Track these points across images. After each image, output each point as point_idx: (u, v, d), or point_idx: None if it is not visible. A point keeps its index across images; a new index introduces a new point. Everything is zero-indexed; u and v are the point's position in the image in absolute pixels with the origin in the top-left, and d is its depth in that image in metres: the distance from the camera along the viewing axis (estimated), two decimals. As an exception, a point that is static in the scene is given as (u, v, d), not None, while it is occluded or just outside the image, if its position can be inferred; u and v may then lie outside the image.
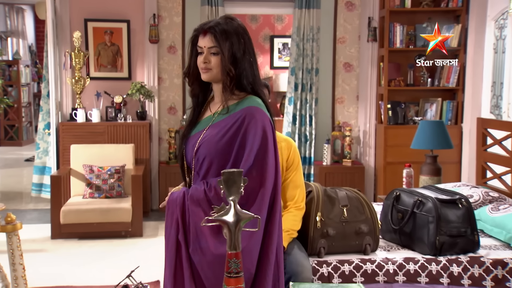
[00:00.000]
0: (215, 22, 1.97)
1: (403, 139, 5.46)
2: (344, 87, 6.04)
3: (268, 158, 1.93)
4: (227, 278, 1.11)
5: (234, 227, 1.10)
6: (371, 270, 2.72)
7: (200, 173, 2.00)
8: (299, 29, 5.82)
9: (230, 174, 1.11)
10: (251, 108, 1.96)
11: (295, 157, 2.81)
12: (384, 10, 5.51)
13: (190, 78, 2.08)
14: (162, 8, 5.73)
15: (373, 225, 2.85)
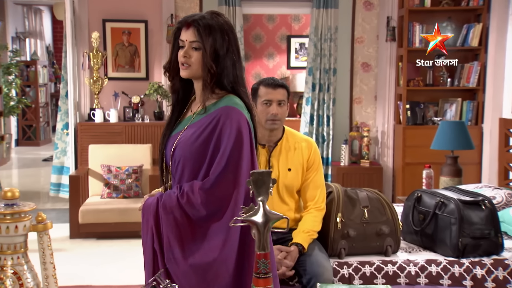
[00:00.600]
0: (200, 16, 1.88)
1: (422, 139, 5.41)
2: (362, 87, 6.01)
3: (243, 160, 1.84)
4: (255, 279, 1.11)
5: (263, 228, 1.09)
6: (392, 272, 2.70)
7: (176, 176, 1.93)
8: (317, 29, 5.79)
9: (259, 175, 1.10)
10: (227, 108, 1.88)
11: (315, 157, 2.80)
12: (403, 10, 5.47)
13: (170, 73, 1.98)
14: (180, 8, 5.74)
15: (394, 226, 2.83)
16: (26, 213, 1.16)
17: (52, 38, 11.87)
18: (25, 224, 1.15)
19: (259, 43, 7.60)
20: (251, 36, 7.49)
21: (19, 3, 9.59)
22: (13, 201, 1.16)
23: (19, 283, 1.13)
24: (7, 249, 1.14)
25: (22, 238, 1.16)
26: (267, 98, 2.71)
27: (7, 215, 1.13)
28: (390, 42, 5.70)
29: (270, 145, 2.77)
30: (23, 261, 1.16)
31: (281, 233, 2.74)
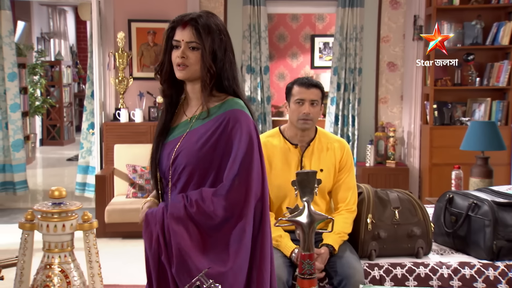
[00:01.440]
0: (197, 15, 1.81)
1: (450, 140, 5.36)
2: (388, 87, 5.97)
3: (254, 166, 1.78)
4: (300, 280, 1.11)
5: (308, 228, 1.09)
6: (424, 274, 2.68)
7: (178, 184, 1.84)
8: (342, 28, 5.77)
9: (304, 175, 1.10)
10: (234, 111, 1.80)
11: (348, 158, 2.79)
12: (431, 8, 5.41)
13: (162, 76, 1.88)
14: (204, 8, 5.75)
15: (426, 227, 2.80)
16: (73, 212, 1.18)
17: (76, 38, 12.03)
18: (72, 223, 1.16)
19: (282, 43, 7.60)
20: (274, 35, 7.49)
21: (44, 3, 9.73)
22: (60, 200, 1.18)
23: (66, 281, 1.14)
24: (55, 248, 1.16)
25: (69, 237, 1.17)
26: (300, 97, 2.71)
27: (54, 214, 1.15)
28: (417, 41, 5.65)
29: (303, 145, 2.77)
30: (69, 260, 1.18)
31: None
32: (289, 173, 2.73)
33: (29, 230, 1.15)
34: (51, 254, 1.13)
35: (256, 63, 5.79)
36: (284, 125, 2.86)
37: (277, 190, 2.74)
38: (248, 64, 5.79)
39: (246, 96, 1.84)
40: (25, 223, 1.15)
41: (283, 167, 2.75)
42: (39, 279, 1.13)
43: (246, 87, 5.82)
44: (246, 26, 5.73)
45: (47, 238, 1.14)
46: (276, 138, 2.81)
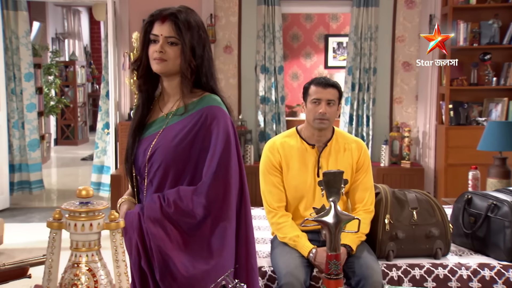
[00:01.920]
0: (176, 10, 1.77)
1: (466, 140, 5.33)
2: (402, 87, 5.94)
3: (232, 163, 1.76)
4: (326, 280, 1.11)
5: (334, 229, 1.09)
6: (443, 275, 2.66)
7: (154, 181, 1.79)
8: (357, 27, 5.76)
9: (331, 175, 1.10)
10: (212, 108, 1.78)
11: (365, 159, 2.78)
12: (447, 7, 5.38)
13: (139, 71, 1.84)
14: (219, 8, 5.78)
15: (444, 228, 2.79)
16: (100, 212, 1.19)
17: (90, 38, 12.10)
18: (99, 222, 1.17)
19: (296, 43, 7.59)
20: (288, 35, 7.48)
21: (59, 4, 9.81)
22: (88, 199, 1.19)
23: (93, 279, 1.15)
24: (82, 246, 1.17)
25: (96, 236, 1.18)
26: (316, 96, 2.70)
27: (82, 213, 1.16)
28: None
29: (320, 146, 2.76)
30: (96, 259, 1.19)
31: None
32: (306, 174, 2.73)
33: (57, 229, 1.16)
34: (79, 253, 1.14)
35: (270, 63, 5.79)
36: (301, 125, 2.86)
37: (294, 191, 2.74)
38: (262, 64, 5.79)
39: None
40: (53, 222, 1.16)
41: (300, 168, 2.75)
42: (67, 277, 1.14)
43: (260, 87, 5.82)
44: (261, 26, 5.73)
45: (75, 237, 1.14)
46: (293, 138, 2.81)
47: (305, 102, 2.78)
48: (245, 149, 5.73)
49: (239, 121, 5.78)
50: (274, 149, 2.79)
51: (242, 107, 5.91)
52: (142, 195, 1.85)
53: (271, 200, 2.75)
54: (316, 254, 2.59)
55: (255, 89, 5.88)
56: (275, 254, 2.67)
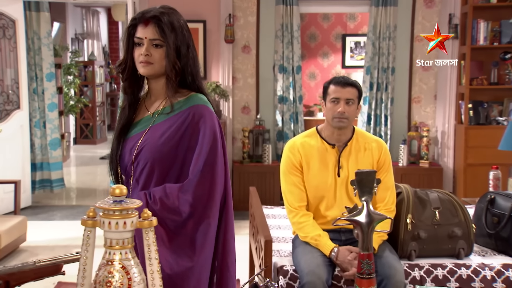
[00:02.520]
0: (158, 11, 1.76)
1: (485, 140, 5.28)
2: (421, 86, 5.90)
3: (218, 162, 1.76)
4: (359, 279, 1.11)
5: (367, 228, 1.09)
6: (466, 276, 2.64)
7: (141, 180, 1.79)
8: (375, 27, 5.73)
9: (363, 174, 1.10)
10: (199, 107, 1.78)
11: (386, 158, 2.76)
12: (467, 6, 5.33)
13: (124, 74, 1.83)
14: (237, 8, 5.79)
15: (467, 228, 2.76)
16: (133, 210, 1.20)
17: (108, 38, 12.19)
18: (132, 221, 1.18)
19: (313, 42, 7.57)
20: (306, 35, 7.47)
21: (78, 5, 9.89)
22: (121, 197, 1.20)
23: (127, 277, 1.16)
24: (116, 244, 1.18)
25: (129, 234, 1.19)
26: (335, 96, 2.69)
27: (116, 211, 1.17)
28: (452, 40, 5.56)
29: (340, 145, 2.75)
30: (130, 256, 1.20)
31: (350, 234, 2.73)
32: (327, 174, 2.72)
33: (91, 227, 1.17)
34: (113, 251, 1.15)
35: (288, 62, 5.79)
36: (321, 125, 2.85)
37: (314, 190, 2.73)
38: (280, 64, 5.79)
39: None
40: (87, 220, 1.17)
41: (321, 168, 2.74)
42: (101, 274, 1.15)
43: (278, 86, 5.82)
44: (279, 25, 5.73)
45: (109, 235, 1.16)
46: (313, 138, 2.80)
47: (324, 101, 2.77)
48: (263, 149, 5.73)
49: (257, 121, 5.79)
50: (295, 149, 2.78)
51: (260, 107, 5.91)
52: (128, 194, 1.81)
53: (292, 200, 2.74)
54: (338, 253, 2.58)
55: (273, 89, 5.88)
56: (296, 253, 2.67)
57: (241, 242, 4.62)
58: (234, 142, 5.92)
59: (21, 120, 5.71)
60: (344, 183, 2.72)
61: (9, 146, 5.49)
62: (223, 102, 5.76)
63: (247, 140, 5.71)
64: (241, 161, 5.75)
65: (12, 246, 4.22)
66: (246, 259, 3.91)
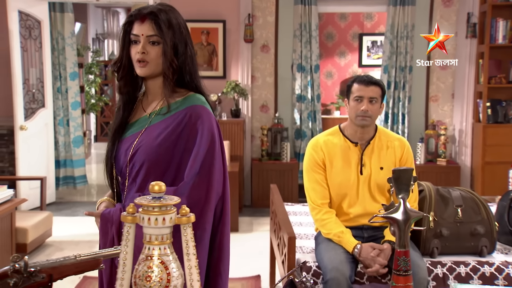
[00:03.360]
0: (155, 8, 1.67)
1: (504, 138, 5.24)
2: (438, 85, 5.85)
3: (215, 164, 1.67)
4: (396, 276, 1.10)
5: (403, 225, 1.08)
6: (489, 273, 2.61)
7: (136, 181, 1.71)
8: (393, 26, 5.69)
9: (400, 172, 1.09)
10: (196, 107, 1.69)
11: (408, 156, 2.75)
12: (486, 5, 5.27)
13: (119, 73, 1.73)
14: (256, 8, 5.78)
15: (490, 226, 2.73)
16: (171, 206, 1.20)
17: (127, 38, 12.25)
18: (171, 217, 1.19)
19: (330, 42, 7.54)
20: (323, 34, 7.44)
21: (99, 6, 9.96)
22: (160, 194, 1.20)
23: (166, 272, 1.17)
24: (155, 240, 1.18)
25: (168, 230, 1.20)
26: (359, 94, 2.68)
27: (155, 208, 1.17)
28: (470, 39, 5.51)
29: (363, 143, 2.74)
30: (168, 252, 1.20)
31: (373, 231, 2.72)
32: (350, 171, 2.71)
33: (131, 222, 1.18)
34: (152, 246, 1.16)
35: (306, 61, 5.78)
36: (344, 123, 2.83)
37: (337, 188, 2.72)
38: (298, 63, 5.78)
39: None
40: (127, 216, 1.18)
41: (344, 166, 2.72)
42: (140, 269, 1.16)
43: (296, 85, 5.81)
44: (297, 25, 5.71)
45: (148, 231, 1.16)
46: (336, 136, 2.79)
47: (348, 99, 2.76)
48: (281, 147, 5.72)
49: (276, 119, 5.78)
50: (318, 147, 2.77)
51: (279, 105, 5.90)
52: (123, 195, 1.76)
53: (315, 197, 2.74)
54: (361, 249, 2.57)
55: (291, 88, 5.87)
56: (320, 249, 2.66)
57: (261, 238, 4.65)
58: (253, 140, 5.92)
59: (46, 118, 5.77)
60: (366, 181, 2.71)
61: (34, 143, 5.56)
62: (242, 100, 5.77)
63: (265, 138, 5.71)
64: (260, 159, 5.75)
65: (39, 240, 4.27)
66: (267, 255, 3.92)
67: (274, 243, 3.38)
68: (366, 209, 2.70)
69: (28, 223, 4.07)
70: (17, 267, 1.15)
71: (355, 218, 2.71)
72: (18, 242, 3.90)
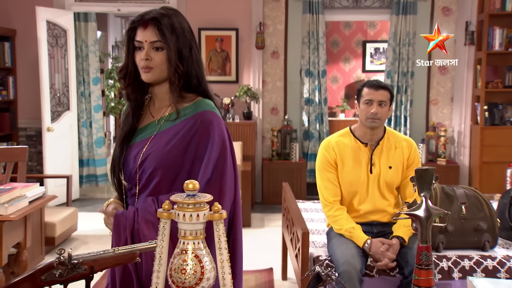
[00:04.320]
0: (158, 13, 1.55)
1: (500, 139, 5.20)
2: (438, 89, 5.82)
3: (227, 170, 1.58)
4: (418, 270, 1.09)
5: (425, 222, 1.07)
6: (492, 267, 2.59)
7: (146, 187, 1.60)
8: (396, 34, 5.67)
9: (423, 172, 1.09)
10: (206, 113, 1.58)
11: (415, 156, 2.73)
12: (483, 14, 5.24)
13: (126, 80, 1.62)
14: (267, 16, 5.78)
15: (492, 222, 2.71)
16: (205, 204, 1.20)
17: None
18: (204, 213, 1.19)
19: (336, 48, 7.52)
20: (328, 41, 7.42)
21: (119, 15, 9.99)
22: (194, 192, 1.20)
23: (200, 265, 1.17)
24: (189, 235, 1.18)
25: (201, 226, 1.20)
26: (369, 98, 2.67)
27: (190, 205, 1.17)
28: (468, 46, 5.48)
29: (372, 144, 2.72)
30: (202, 246, 1.20)
31: (381, 226, 2.71)
32: (360, 170, 2.70)
33: (166, 218, 1.18)
34: (186, 241, 1.15)
35: (314, 67, 5.76)
36: (354, 125, 2.83)
37: (348, 186, 2.71)
38: (306, 68, 5.76)
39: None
40: (163, 212, 1.18)
41: (354, 165, 2.72)
42: (176, 262, 1.16)
43: (304, 89, 5.80)
44: (305, 33, 5.70)
45: (183, 226, 1.16)
46: (347, 137, 2.78)
47: (358, 103, 2.75)
48: (290, 147, 5.71)
49: (285, 121, 5.77)
50: (330, 147, 2.76)
51: (288, 108, 5.89)
52: (132, 201, 1.66)
53: (327, 194, 2.73)
54: (371, 244, 2.56)
55: (300, 92, 5.86)
56: (332, 244, 2.65)
57: (272, 233, 4.64)
58: (264, 141, 5.91)
59: (71, 121, 5.79)
60: (376, 179, 2.69)
61: (60, 144, 5.58)
62: (254, 103, 5.76)
63: (275, 139, 5.70)
64: (270, 158, 5.74)
65: (66, 234, 4.28)
66: (279, 249, 3.91)
67: (286, 238, 3.37)
68: (376, 206, 2.69)
69: (56, 218, 4.08)
70: (62, 259, 1.15)
71: (365, 215, 2.70)
72: (47, 235, 3.91)
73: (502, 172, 4.20)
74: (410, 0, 5.59)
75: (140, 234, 1.54)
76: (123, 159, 1.64)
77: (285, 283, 3.66)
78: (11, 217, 2.53)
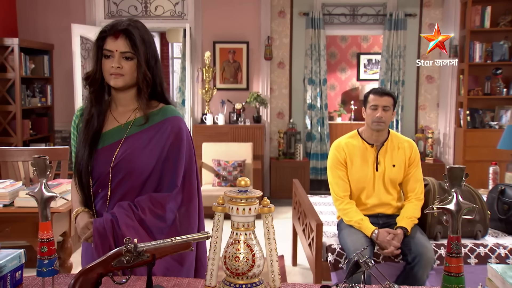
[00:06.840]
0: (128, 24, 1.49)
1: (481, 141, 5.19)
2: (426, 96, 5.82)
3: (194, 170, 1.57)
4: (448, 258, 1.08)
5: (456, 215, 1.07)
6: (484, 253, 2.59)
7: (118, 190, 1.52)
8: (388, 47, 5.66)
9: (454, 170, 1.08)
10: (175, 119, 1.55)
11: (416, 156, 2.73)
12: (465, 30, 5.23)
13: (93, 86, 1.54)
14: (274, 31, 5.77)
15: (483, 214, 2.71)
16: (255, 199, 1.19)
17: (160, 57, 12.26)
18: (255, 207, 1.18)
19: (333, 59, 7.51)
20: (327, 53, 7.40)
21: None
22: (245, 188, 1.19)
23: (251, 254, 1.16)
24: (242, 227, 1.18)
25: (252, 218, 1.19)
26: (374, 103, 2.66)
27: (242, 199, 1.16)
28: (452, 58, 5.46)
29: (378, 145, 2.72)
30: (252, 237, 1.19)
31: (386, 218, 2.70)
32: (367, 169, 2.70)
33: (221, 212, 1.17)
34: (239, 232, 1.15)
35: (316, 76, 5.75)
36: (362, 128, 2.82)
37: (356, 182, 2.71)
38: (309, 77, 5.75)
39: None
40: (217, 206, 1.17)
41: (362, 164, 2.71)
42: (229, 251, 1.15)
43: (307, 96, 5.79)
44: (308, 45, 5.69)
45: (236, 219, 1.15)
46: (355, 139, 2.77)
47: (365, 108, 2.75)
48: (295, 147, 5.70)
49: (290, 124, 5.76)
50: (340, 148, 2.75)
51: (293, 113, 5.88)
52: (102, 204, 1.55)
53: (338, 190, 2.72)
54: (378, 234, 2.55)
55: (303, 98, 5.84)
56: (343, 234, 2.65)
57: (282, 224, 4.62)
58: (271, 142, 5.90)
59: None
60: (381, 176, 2.69)
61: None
62: (263, 109, 5.75)
63: (282, 140, 5.69)
64: (277, 157, 5.73)
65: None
66: (289, 239, 3.90)
67: (298, 229, 3.35)
68: (381, 200, 2.68)
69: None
70: (128, 247, 1.15)
71: (372, 208, 2.70)
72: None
73: (483, 169, 4.20)
74: (400, 17, 5.59)
75: (118, 239, 1.47)
76: (91, 165, 1.53)
77: (295, 269, 3.65)
78: (60, 209, 2.53)
